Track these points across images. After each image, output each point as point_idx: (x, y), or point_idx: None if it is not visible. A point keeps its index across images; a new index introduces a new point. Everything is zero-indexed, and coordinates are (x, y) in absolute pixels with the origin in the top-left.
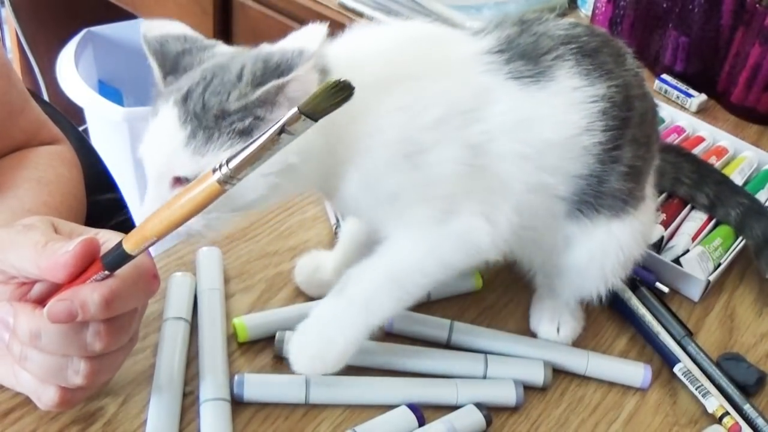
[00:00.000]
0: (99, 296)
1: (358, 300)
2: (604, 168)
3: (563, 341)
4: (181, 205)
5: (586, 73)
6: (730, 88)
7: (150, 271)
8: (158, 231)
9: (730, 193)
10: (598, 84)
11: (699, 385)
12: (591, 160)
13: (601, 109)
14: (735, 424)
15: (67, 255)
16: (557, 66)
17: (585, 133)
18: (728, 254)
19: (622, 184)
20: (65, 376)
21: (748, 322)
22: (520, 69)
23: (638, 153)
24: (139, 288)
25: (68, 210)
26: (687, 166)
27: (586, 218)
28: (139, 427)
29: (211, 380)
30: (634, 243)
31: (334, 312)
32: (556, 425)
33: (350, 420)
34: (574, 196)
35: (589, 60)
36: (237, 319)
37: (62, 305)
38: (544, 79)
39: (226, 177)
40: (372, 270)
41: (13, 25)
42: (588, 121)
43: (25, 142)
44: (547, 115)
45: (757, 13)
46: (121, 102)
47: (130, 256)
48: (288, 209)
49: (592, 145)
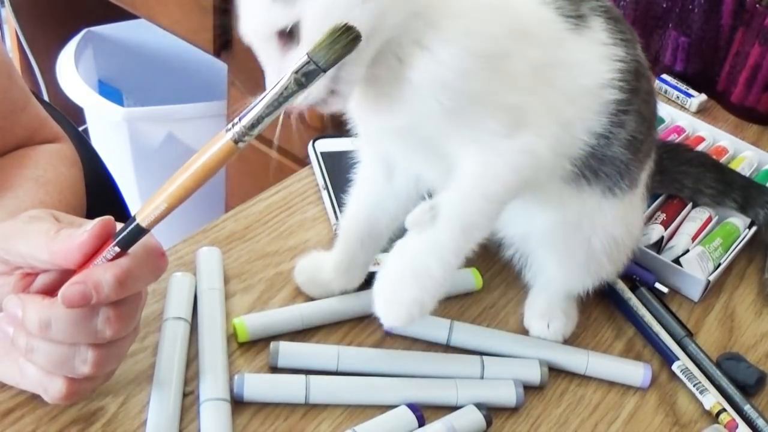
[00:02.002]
0: (112, 276)
1: (456, 225)
2: (612, 129)
3: (553, 337)
4: (196, 169)
5: (611, 33)
6: (730, 88)
7: (158, 249)
8: (171, 199)
9: (757, 193)
10: (619, 46)
11: (696, 383)
12: (604, 118)
13: (620, 69)
14: (731, 420)
15: (85, 235)
16: (592, 17)
17: (607, 87)
18: (728, 254)
19: (623, 152)
20: (73, 366)
21: (748, 322)
22: (565, 7)
23: (641, 128)
24: (149, 266)
25: (66, 208)
26: (710, 176)
27: (585, 182)
28: (139, 427)
29: (211, 380)
30: (620, 225)
31: (431, 244)
32: (556, 425)
33: (350, 420)
34: (582, 155)
35: (614, 23)
36: (237, 319)
37: (77, 288)
38: (583, 25)
39: (239, 135)
40: (460, 192)
41: (13, 25)
42: (611, 77)
43: (26, 140)
44: (585, 60)
45: (757, 13)
46: (121, 102)
47: (145, 230)
48: (288, 209)
49: (609, 103)
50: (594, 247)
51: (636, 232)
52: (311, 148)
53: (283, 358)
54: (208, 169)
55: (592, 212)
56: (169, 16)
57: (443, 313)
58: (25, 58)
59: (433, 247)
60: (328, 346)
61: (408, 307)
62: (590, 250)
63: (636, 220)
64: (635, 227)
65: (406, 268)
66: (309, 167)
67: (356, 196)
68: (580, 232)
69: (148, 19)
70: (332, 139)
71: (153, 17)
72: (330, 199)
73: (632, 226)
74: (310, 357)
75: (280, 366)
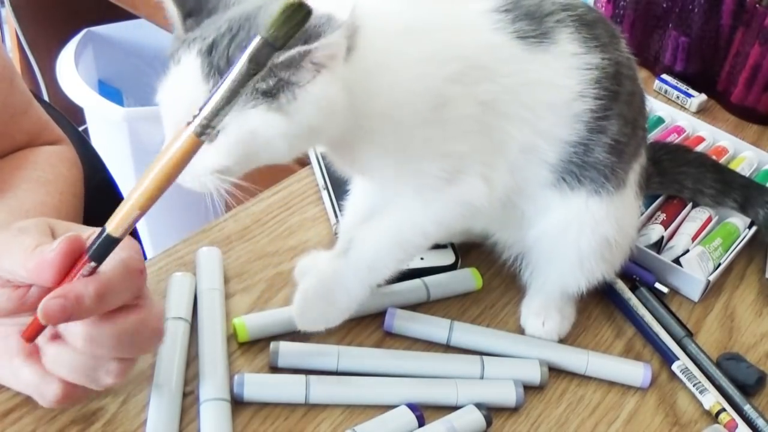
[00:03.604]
0: (93, 289)
1: (363, 263)
2: (591, 137)
3: (548, 336)
4: (162, 168)
5: (583, 41)
6: (730, 88)
7: (137, 266)
8: (141, 203)
9: (757, 194)
10: (593, 53)
11: (696, 382)
12: (580, 126)
13: (594, 78)
14: (731, 420)
15: (52, 254)
16: (558, 30)
17: (579, 98)
18: (728, 254)
19: (606, 156)
20: (97, 377)
21: (748, 322)
22: (525, 29)
23: (624, 130)
24: (128, 282)
25: (68, 208)
26: (710, 176)
27: (567, 187)
28: (139, 427)
29: (211, 380)
30: (609, 225)
31: (338, 274)
32: (556, 425)
33: (350, 420)
34: (560, 162)
35: (587, 29)
36: (237, 319)
37: (56, 302)
38: (547, 41)
39: (201, 128)
40: (377, 233)
41: (13, 25)
42: (582, 88)
43: (28, 143)
44: (548, 78)
45: (757, 13)
46: (121, 102)
47: (117, 240)
48: (288, 209)
49: (583, 112)
50: (584, 249)
51: (631, 231)
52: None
53: (283, 358)
54: (174, 166)
55: (578, 215)
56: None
57: (443, 313)
58: (25, 58)
59: (339, 279)
60: (328, 346)
61: (315, 321)
62: (580, 252)
63: (630, 220)
64: (630, 226)
65: (317, 289)
66: (309, 167)
67: (356, 197)
68: (568, 234)
69: (148, 19)
70: None
71: (153, 17)
72: (330, 199)
73: (626, 225)
74: (310, 357)
75: (280, 366)
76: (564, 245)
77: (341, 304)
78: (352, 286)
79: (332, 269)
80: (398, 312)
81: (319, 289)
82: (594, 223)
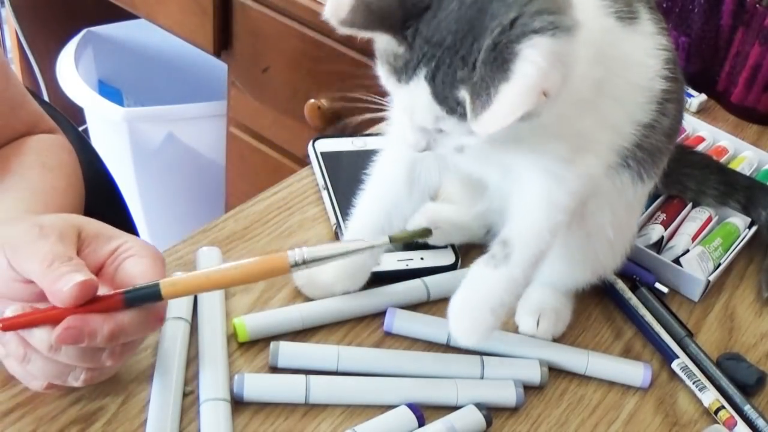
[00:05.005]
0: (108, 330)
1: (530, 262)
2: (657, 119)
3: (542, 335)
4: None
5: (656, 22)
6: (730, 88)
7: (158, 314)
8: (205, 287)
9: (760, 195)
10: (662, 34)
11: (696, 380)
12: (653, 107)
13: (665, 59)
14: (730, 417)
15: (65, 293)
16: (640, 9)
17: (656, 79)
18: (728, 254)
19: (662, 140)
20: (65, 380)
21: (748, 322)
22: (622, 9)
23: (678, 116)
24: (144, 326)
25: (74, 194)
26: (714, 178)
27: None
28: (139, 427)
29: (211, 380)
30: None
31: (506, 283)
32: (556, 425)
33: (350, 420)
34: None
35: (654, 12)
36: (237, 319)
37: (72, 332)
38: (635, 19)
39: (298, 263)
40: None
41: (13, 25)
42: (660, 68)
43: (25, 133)
44: (637, 59)
45: (757, 13)
46: (121, 102)
47: (161, 299)
48: (288, 209)
49: (657, 93)
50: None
51: (634, 230)
52: (311, 148)
53: (283, 358)
54: (250, 275)
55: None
56: (169, 16)
57: (443, 313)
58: (25, 58)
59: (508, 285)
60: (328, 346)
61: (484, 335)
62: (589, 243)
63: (634, 218)
64: (632, 226)
65: (485, 303)
66: (309, 167)
67: (370, 200)
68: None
69: (148, 19)
70: (332, 139)
71: (153, 17)
72: (330, 199)
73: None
74: (310, 357)
75: (280, 366)
76: (573, 236)
77: (509, 309)
78: (521, 287)
79: (496, 281)
80: (398, 312)
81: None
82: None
